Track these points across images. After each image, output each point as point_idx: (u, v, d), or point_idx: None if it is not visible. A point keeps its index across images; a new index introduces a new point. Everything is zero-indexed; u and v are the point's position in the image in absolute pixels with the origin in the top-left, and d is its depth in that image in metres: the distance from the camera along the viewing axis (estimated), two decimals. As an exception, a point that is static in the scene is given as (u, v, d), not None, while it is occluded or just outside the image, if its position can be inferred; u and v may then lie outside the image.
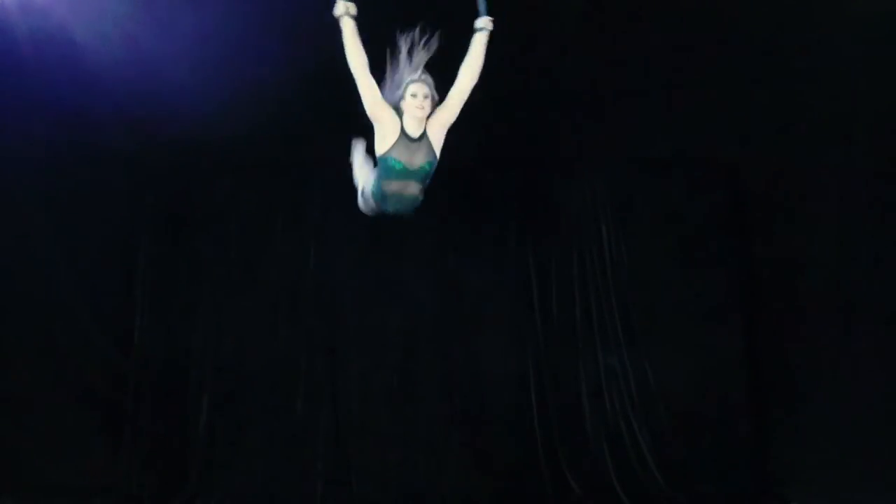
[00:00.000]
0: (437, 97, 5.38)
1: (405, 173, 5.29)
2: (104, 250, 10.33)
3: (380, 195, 5.38)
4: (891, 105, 9.07)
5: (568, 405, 10.27)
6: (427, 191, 5.59)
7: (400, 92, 5.30)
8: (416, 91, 5.27)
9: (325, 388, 10.26)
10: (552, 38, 9.22)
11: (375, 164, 5.47)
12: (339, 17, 5.19)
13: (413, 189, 5.34)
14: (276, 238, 10.43)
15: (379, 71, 5.37)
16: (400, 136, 5.24)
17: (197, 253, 10.45)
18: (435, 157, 5.37)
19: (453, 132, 9.63)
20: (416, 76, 5.29)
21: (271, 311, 10.38)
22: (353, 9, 5.20)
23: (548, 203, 10.63)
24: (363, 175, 5.74)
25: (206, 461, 10.01)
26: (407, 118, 5.29)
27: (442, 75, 5.48)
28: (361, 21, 5.26)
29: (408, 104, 5.26)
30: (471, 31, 5.50)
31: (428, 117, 5.35)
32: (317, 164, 10.19)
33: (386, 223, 9.46)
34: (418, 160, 5.30)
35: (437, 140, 5.39)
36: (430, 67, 5.44)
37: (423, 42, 5.29)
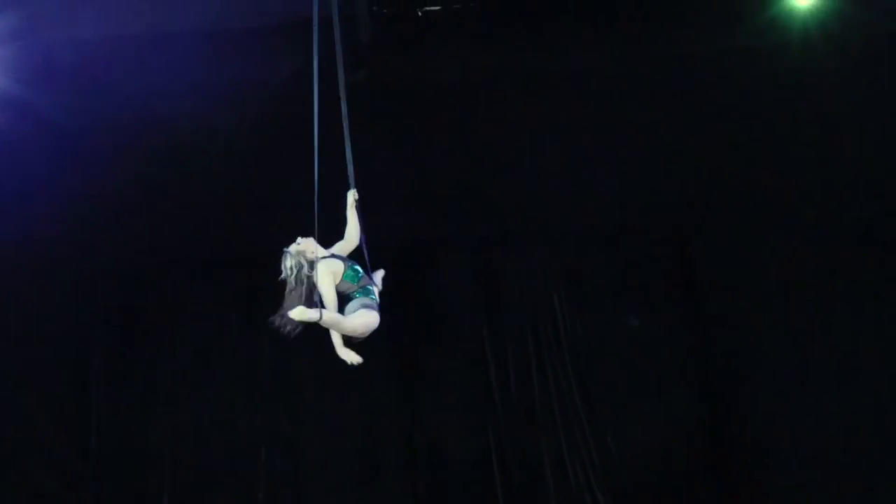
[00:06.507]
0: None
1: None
2: (56, 350, 10.19)
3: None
4: (836, 171, 9.29)
5: (531, 480, 10.24)
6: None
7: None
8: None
9: (287, 477, 10.16)
10: (496, 115, 9.41)
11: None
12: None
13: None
14: (230, 330, 10.40)
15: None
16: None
17: (151, 349, 10.37)
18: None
19: (403, 212, 9.78)
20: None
21: (228, 403, 10.29)
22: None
23: (500, 279, 10.70)
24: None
25: (168, 561, 9.85)
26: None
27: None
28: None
29: None
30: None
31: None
32: (268, 256, 10.17)
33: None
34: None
35: None
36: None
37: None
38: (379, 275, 6.33)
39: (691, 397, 10.42)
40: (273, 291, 10.14)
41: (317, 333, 10.21)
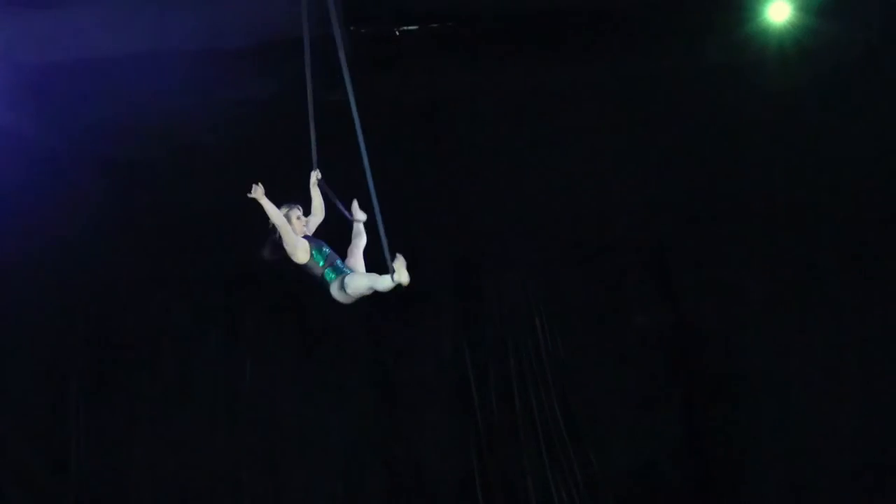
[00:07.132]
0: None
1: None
2: (36, 374, 10.13)
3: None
4: (812, 183, 9.36)
5: (515, 501, 10.19)
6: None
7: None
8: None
9: (269, 501, 10.09)
10: (473, 133, 9.44)
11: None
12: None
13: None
14: (210, 353, 10.35)
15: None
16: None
17: (130, 373, 10.30)
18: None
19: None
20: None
21: (209, 427, 10.22)
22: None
23: (481, 299, 10.68)
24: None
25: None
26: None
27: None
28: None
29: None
30: None
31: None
32: (248, 276, 10.19)
33: (320, 330, 9.59)
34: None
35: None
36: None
37: None
38: (354, 205, 6.69)
39: (674, 414, 10.41)
40: (253, 312, 10.36)
41: (298, 355, 10.32)
